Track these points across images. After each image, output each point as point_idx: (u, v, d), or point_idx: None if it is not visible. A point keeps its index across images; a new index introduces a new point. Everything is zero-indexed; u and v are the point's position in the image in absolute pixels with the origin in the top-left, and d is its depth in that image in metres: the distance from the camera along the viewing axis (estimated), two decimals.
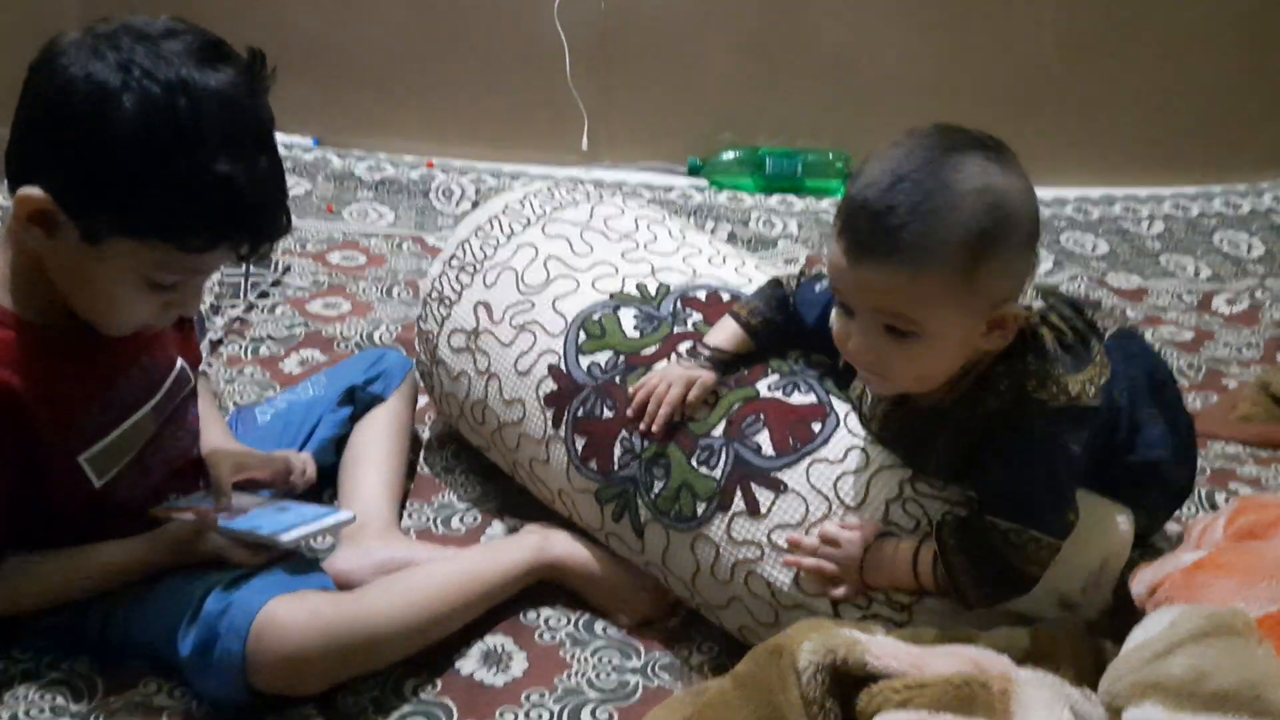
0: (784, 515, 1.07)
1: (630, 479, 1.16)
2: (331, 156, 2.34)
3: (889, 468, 1.06)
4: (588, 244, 1.34)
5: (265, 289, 1.85)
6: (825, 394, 1.13)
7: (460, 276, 1.36)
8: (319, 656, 1.02)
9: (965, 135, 0.93)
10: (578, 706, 1.09)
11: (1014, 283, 0.94)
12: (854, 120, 2.51)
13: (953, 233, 0.89)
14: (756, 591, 1.08)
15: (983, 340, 0.95)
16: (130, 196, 0.93)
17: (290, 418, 1.35)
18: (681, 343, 1.19)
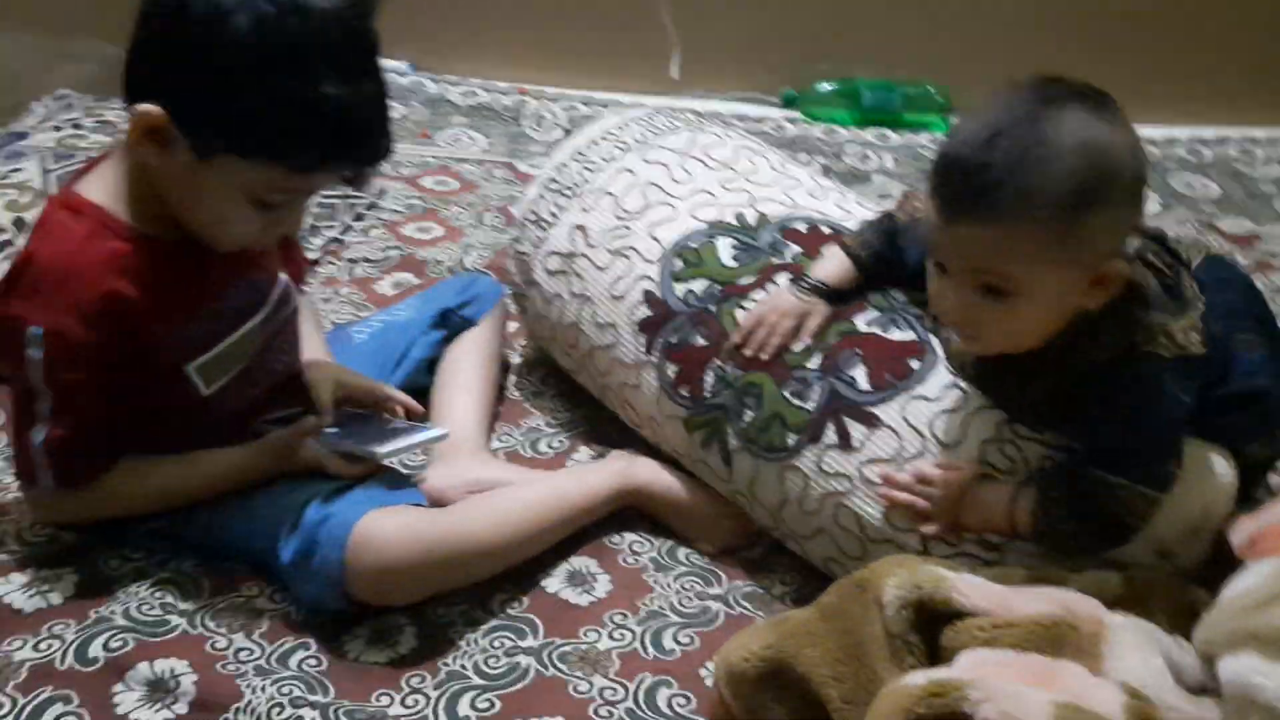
0: (877, 450, 1.07)
1: (720, 407, 1.16)
2: (426, 81, 2.35)
3: (988, 408, 1.05)
4: (687, 171, 1.33)
5: (361, 211, 1.88)
6: (925, 332, 1.11)
7: (558, 199, 1.36)
8: (412, 568, 1.06)
9: (1065, 86, 0.90)
10: (660, 629, 1.11)
11: (1117, 238, 0.92)
12: (955, 53, 2.43)
13: (1052, 189, 0.87)
14: (844, 524, 1.08)
15: (1084, 298, 0.93)
16: (240, 114, 0.95)
17: (385, 338, 1.38)
18: (779, 274, 1.19)
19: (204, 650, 1.03)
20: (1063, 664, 0.80)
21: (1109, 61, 2.41)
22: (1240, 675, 0.73)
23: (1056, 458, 1.01)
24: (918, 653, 0.90)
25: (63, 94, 1.90)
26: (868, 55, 2.46)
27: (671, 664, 1.07)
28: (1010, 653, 0.83)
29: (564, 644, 1.08)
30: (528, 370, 1.52)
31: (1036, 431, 1.03)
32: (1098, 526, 0.96)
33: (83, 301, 1.00)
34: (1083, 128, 0.88)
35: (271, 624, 1.08)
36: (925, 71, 2.45)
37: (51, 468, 1.05)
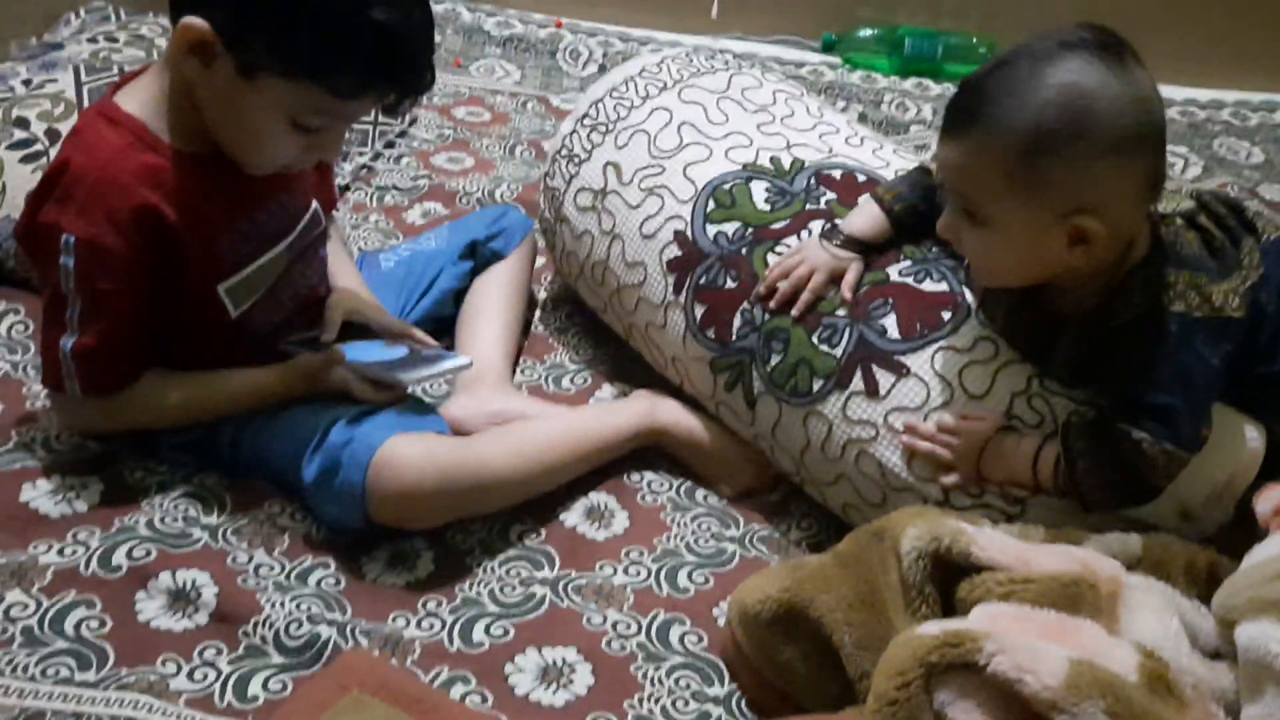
0: (903, 398, 1.06)
1: (747, 350, 1.16)
2: (462, 10, 2.32)
3: (1018, 361, 1.04)
4: (723, 113, 1.32)
5: (392, 139, 1.87)
6: (959, 283, 1.10)
7: (591, 135, 1.35)
8: (432, 493, 1.06)
9: (1094, 36, 0.90)
10: (675, 568, 1.11)
11: (1092, 193, 0.90)
12: (1001, 1, 2.38)
13: (1016, 121, 0.88)
14: (866, 471, 1.08)
15: (1067, 254, 0.92)
16: (286, 33, 0.95)
17: (413, 266, 1.38)
18: (813, 220, 1.17)
19: (225, 564, 1.05)
20: (1079, 621, 0.80)
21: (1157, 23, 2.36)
22: (1257, 642, 0.73)
23: (1083, 413, 1.00)
24: (932, 603, 0.91)
25: (97, 6, 1.89)
26: (911, 2, 2.41)
27: (685, 602, 1.08)
28: (1026, 608, 0.83)
29: (579, 577, 1.09)
30: (553, 306, 1.52)
31: (1065, 387, 1.02)
32: (1122, 480, 0.96)
33: (117, 211, 1.01)
34: (1075, 72, 0.88)
35: (292, 542, 1.10)
36: (970, 21, 2.40)
37: (79, 375, 1.05)
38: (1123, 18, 2.54)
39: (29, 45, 1.80)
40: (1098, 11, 2.41)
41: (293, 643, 0.97)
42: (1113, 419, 0.95)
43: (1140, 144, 0.90)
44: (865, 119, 2.12)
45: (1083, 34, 0.90)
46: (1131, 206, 0.93)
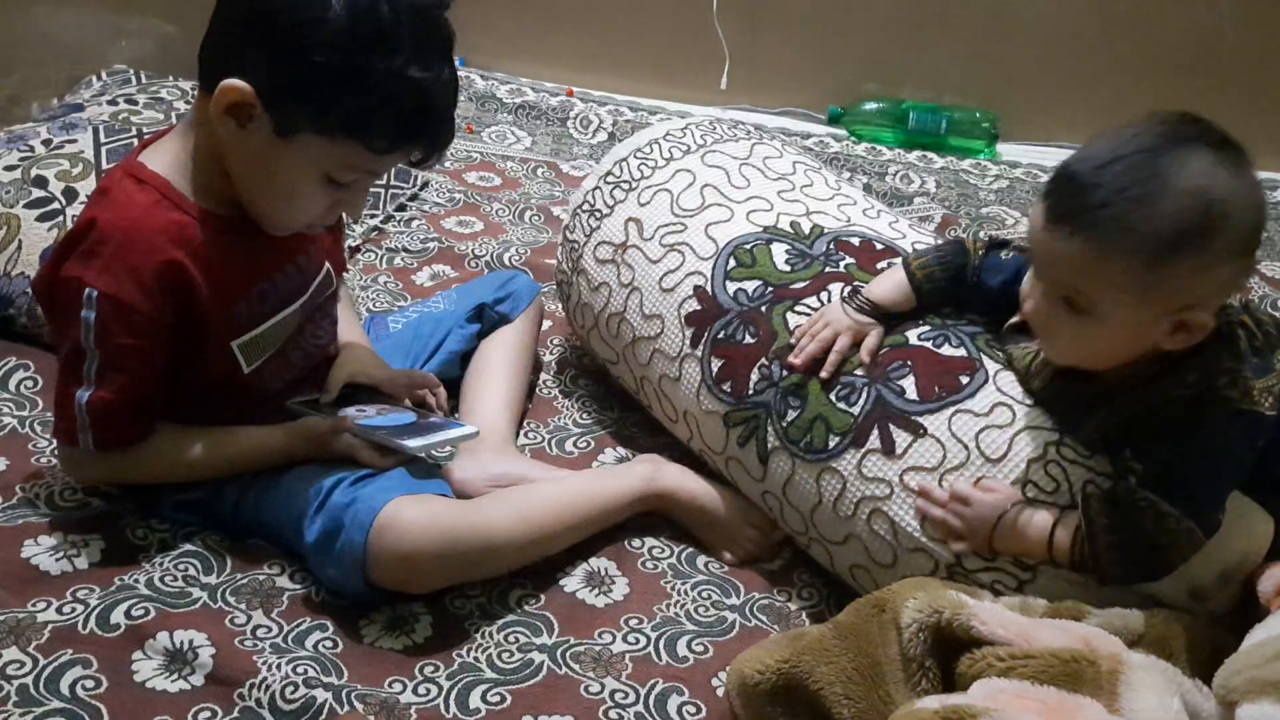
0: (920, 458, 1.06)
1: (763, 405, 1.17)
2: (475, 77, 2.37)
3: (1036, 428, 1.04)
4: (745, 178, 1.35)
5: (403, 202, 1.90)
6: (976, 349, 1.11)
7: (614, 192, 1.38)
8: (434, 558, 1.06)
9: (1202, 129, 0.90)
10: (674, 636, 1.11)
11: (1209, 289, 0.91)
12: (1005, 79, 2.42)
13: (1149, 226, 0.87)
14: (879, 530, 1.08)
15: (1165, 339, 0.93)
16: (328, 94, 0.98)
17: (420, 328, 1.39)
18: (832, 283, 1.19)
19: (223, 625, 1.05)
20: (1079, 699, 0.80)
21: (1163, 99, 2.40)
22: None
23: (1099, 483, 1.00)
24: (932, 677, 0.90)
25: (119, 69, 1.93)
26: (916, 77, 2.46)
27: (684, 671, 1.07)
28: (1027, 684, 0.83)
29: (578, 644, 1.09)
30: (559, 369, 1.53)
31: (1088, 455, 1.02)
32: (1141, 554, 0.95)
33: (141, 268, 1.02)
34: (1202, 174, 0.87)
35: (291, 603, 1.09)
36: (973, 97, 2.44)
37: (93, 429, 1.06)
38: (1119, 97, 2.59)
39: (50, 106, 1.84)
40: (1096, 89, 2.47)
41: (288, 706, 0.96)
42: (1141, 487, 0.95)
43: (1255, 245, 0.91)
44: (870, 190, 2.15)
45: (1192, 128, 0.89)
46: (1228, 297, 0.95)
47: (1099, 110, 2.43)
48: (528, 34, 2.48)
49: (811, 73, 2.48)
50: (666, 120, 1.49)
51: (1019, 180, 2.28)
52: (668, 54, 2.47)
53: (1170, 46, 2.35)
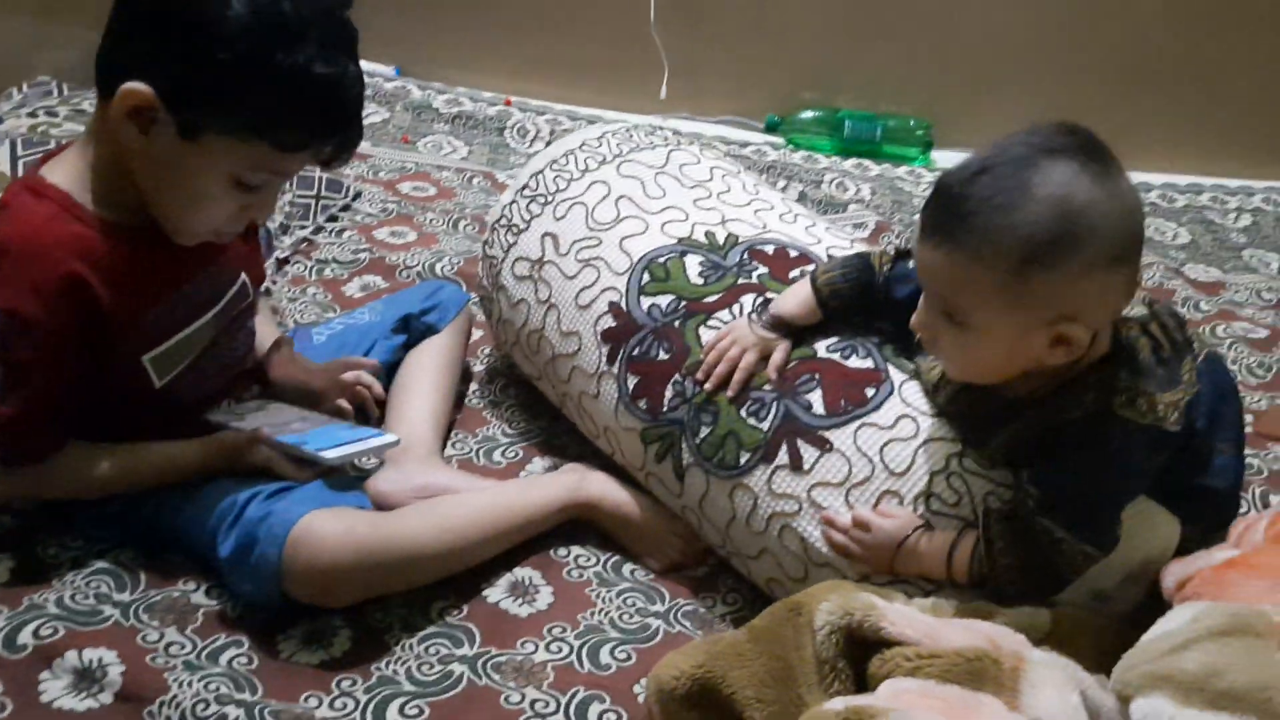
0: (826, 474, 1.07)
1: (677, 421, 1.17)
2: (411, 87, 2.36)
3: (938, 440, 1.05)
4: (660, 187, 1.34)
5: (335, 213, 1.88)
6: (883, 360, 1.12)
7: (531, 206, 1.37)
8: (351, 571, 1.05)
9: (1074, 140, 0.89)
10: (598, 644, 1.11)
11: (1081, 302, 0.90)
12: (940, 87, 2.46)
13: (1013, 233, 0.87)
14: (789, 545, 1.09)
15: (1046, 354, 0.92)
16: (233, 92, 0.97)
17: (346, 340, 1.38)
18: (745, 294, 1.20)
19: (135, 642, 1.03)
20: (980, 698, 0.81)
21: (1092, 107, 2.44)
22: (1150, 717, 0.73)
23: (1000, 494, 1.01)
24: (845, 679, 0.91)
25: (41, 81, 1.90)
26: (852, 86, 2.48)
27: (606, 679, 1.07)
28: (931, 683, 0.83)
29: (499, 654, 1.08)
30: (488, 380, 1.53)
31: (989, 466, 1.04)
32: (1036, 575, 0.96)
33: (42, 282, 1.00)
34: (1064, 183, 0.87)
35: (206, 620, 1.08)
36: (908, 105, 2.47)
37: (0, 445, 1.04)
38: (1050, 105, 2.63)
39: None
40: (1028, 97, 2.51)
41: None
42: (1036, 512, 0.96)
43: (1126, 256, 0.90)
44: (806, 198, 2.17)
45: (1064, 139, 0.89)
46: (1109, 313, 0.94)
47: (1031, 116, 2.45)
48: (465, 44, 2.48)
49: (749, 82, 2.50)
50: (589, 128, 1.48)
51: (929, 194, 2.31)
52: (606, 63, 2.48)
53: (1100, 52, 2.40)
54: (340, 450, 1.14)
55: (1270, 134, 2.42)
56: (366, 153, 2.13)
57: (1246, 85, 2.38)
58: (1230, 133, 2.43)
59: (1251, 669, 0.73)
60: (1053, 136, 0.89)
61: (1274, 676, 0.73)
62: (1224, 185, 2.36)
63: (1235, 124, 2.42)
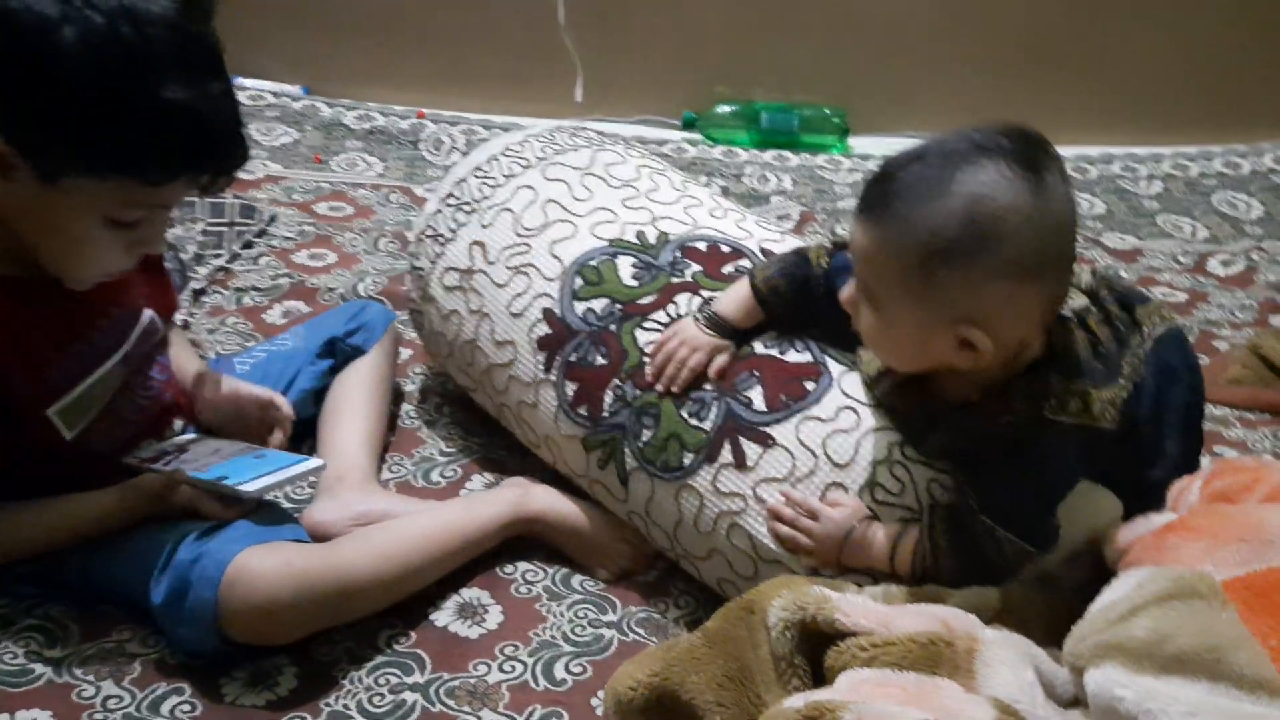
0: (770, 469, 1.07)
1: (619, 426, 1.15)
2: (320, 105, 2.32)
3: (880, 430, 1.05)
4: (588, 189, 1.32)
5: (250, 239, 1.84)
6: (820, 353, 1.11)
7: (456, 215, 1.35)
8: (291, 607, 1.02)
9: (1015, 143, 0.86)
10: (552, 659, 1.09)
11: (985, 308, 0.88)
12: (853, 75, 2.48)
13: (924, 225, 0.86)
14: (738, 544, 1.08)
15: (953, 355, 0.91)
16: (83, 130, 0.91)
17: (269, 369, 1.35)
18: (679, 294, 1.18)
19: (70, 699, 0.99)
20: (938, 682, 0.81)
21: (1002, 86, 2.48)
22: (1103, 687, 0.74)
23: (943, 481, 1.01)
24: (802, 674, 0.90)
25: None
26: (766, 78, 2.49)
27: (563, 695, 1.05)
28: (889, 671, 0.83)
29: (452, 679, 1.06)
30: (421, 398, 1.50)
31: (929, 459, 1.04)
32: (977, 570, 0.97)
33: None
34: (988, 185, 0.85)
35: (144, 669, 1.04)
36: (822, 94, 2.49)
37: None
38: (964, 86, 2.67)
39: None
40: (941, 80, 2.54)
41: None
42: (977, 512, 0.96)
43: (1041, 270, 0.88)
44: (728, 193, 2.17)
45: (1003, 139, 0.86)
46: (1025, 324, 0.91)
47: (944, 99, 2.51)
48: (373, 59, 2.44)
49: (663, 80, 2.49)
50: (512, 133, 1.46)
51: (871, 172, 2.33)
52: (518, 70, 2.45)
53: (1008, 34, 2.44)
54: (262, 481, 1.09)
55: (1171, 101, 2.49)
56: (279, 175, 2.08)
57: (1144, 57, 2.44)
58: (1134, 103, 2.49)
59: (1198, 631, 0.74)
60: (996, 135, 0.87)
61: (1220, 636, 0.74)
62: (1134, 154, 2.42)
63: (1138, 94, 2.49)
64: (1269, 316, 1.85)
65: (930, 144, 0.90)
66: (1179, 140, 2.48)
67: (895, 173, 0.89)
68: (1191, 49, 2.43)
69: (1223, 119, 2.49)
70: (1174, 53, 2.44)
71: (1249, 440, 1.49)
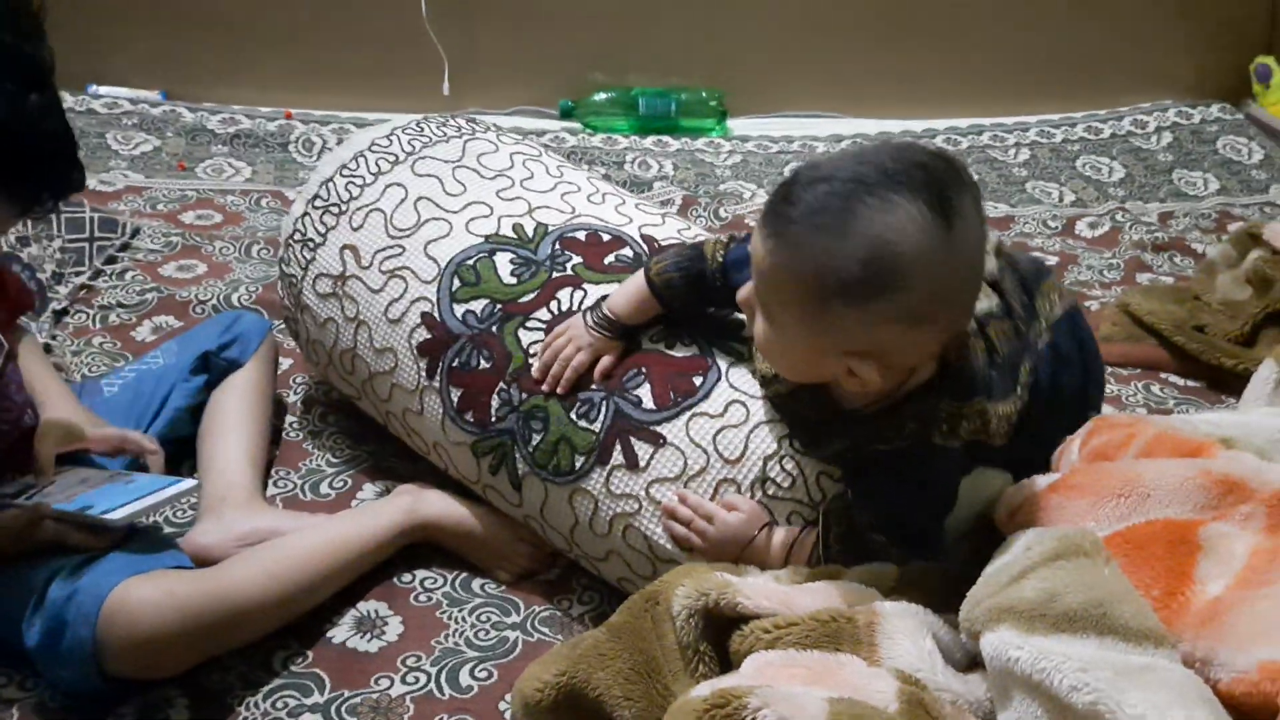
0: (662, 469, 1.06)
1: (508, 431, 1.13)
2: (181, 110, 2.23)
3: (769, 423, 1.05)
4: (460, 183, 1.28)
5: (113, 253, 1.75)
6: (708, 346, 1.11)
7: (324, 218, 1.30)
8: (176, 637, 0.98)
9: (930, 176, 0.83)
10: (456, 667, 1.07)
11: (877, 346, 0.87)
12: (728, 56, 2.49)
13: (822, 258, 0.83)
14: (634, 545, 1.07)
15: (843, 379, 0.90)
16: None
17: (140, 389, 1.29)
18: (560, 289, 1.16)
19: None
20: (840, 658, 0.81)
21: (874, 63, 2.52)
22: (999, 650, 0.75)
23: (832, 473, 1.02)
24: (709, 661, 0.90)
25: None
26: (642, 62, 2.48)
27: (469, 701, 1.03)
28: (793, 652, 0.84)
29: (353, 695, 1.03)
30: (304, 409, 1.45)
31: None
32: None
33: None
34: (893, 227, 0.81)
35: (22, 715, 0.99)
36: (699, 77, 2.49)
37: None
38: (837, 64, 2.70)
39: None
40: (817, 59, 2.56)
41: None
42: (868, 529, 0.97)
43: (937, 314, 0.86)
44: (609, 180, 2.15)
45: (916, 170, 0.83)
46: (916, 357, 0.90)
47: (819, 78, 2.54)
48: (235, 59, 2.35)
49: (536, 69, 2.47)
50: (378, 126, 1.41)
51: (751, 154, 2.35)
52: (385, 65, 2.40)
53: (879, 11, 2.48)
54: (131, 508, 1.04)
55: (1034, 71, 2.56)
56: (141, 185, 1.99)
57: (1007, 29, 2.51)
58: (1000, 74, 2.56)
59: (1084, 588, 0.76)
60: (911, 167, 0.83)
61: (1105, 592, 0.76)
62: (1002, 124, 2.49)
63: (1003, 66, 2.55)
64: (1136, 274, 1.92)
65: (839, 164, 0.85)
66: (1043, 109, 2.56)
67: (801, 193, 0.85)
68: (1051, 19, 2.51)
69: (1083, 86, 2.58)
70: (1035, 23, 2.51)
71: (1123, 395, 1.54)
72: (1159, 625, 0.75)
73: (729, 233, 1.15)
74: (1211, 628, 0.76)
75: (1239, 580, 0.80)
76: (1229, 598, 0.79)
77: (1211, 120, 2.49)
